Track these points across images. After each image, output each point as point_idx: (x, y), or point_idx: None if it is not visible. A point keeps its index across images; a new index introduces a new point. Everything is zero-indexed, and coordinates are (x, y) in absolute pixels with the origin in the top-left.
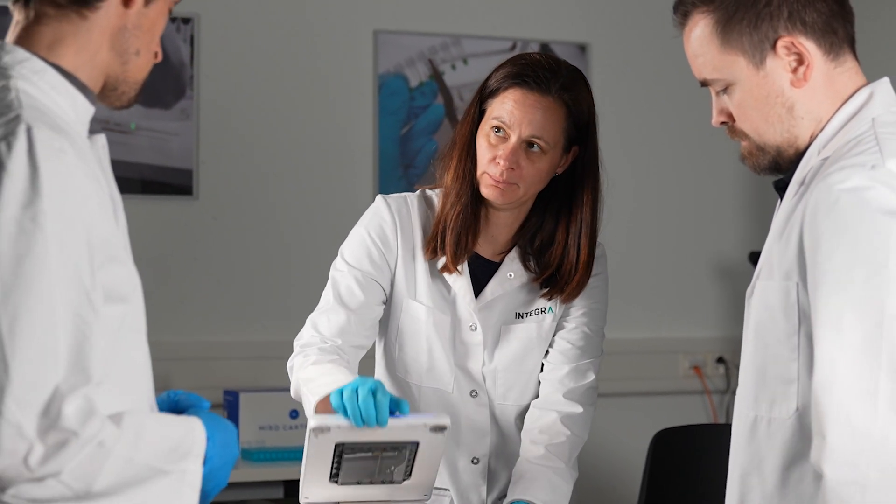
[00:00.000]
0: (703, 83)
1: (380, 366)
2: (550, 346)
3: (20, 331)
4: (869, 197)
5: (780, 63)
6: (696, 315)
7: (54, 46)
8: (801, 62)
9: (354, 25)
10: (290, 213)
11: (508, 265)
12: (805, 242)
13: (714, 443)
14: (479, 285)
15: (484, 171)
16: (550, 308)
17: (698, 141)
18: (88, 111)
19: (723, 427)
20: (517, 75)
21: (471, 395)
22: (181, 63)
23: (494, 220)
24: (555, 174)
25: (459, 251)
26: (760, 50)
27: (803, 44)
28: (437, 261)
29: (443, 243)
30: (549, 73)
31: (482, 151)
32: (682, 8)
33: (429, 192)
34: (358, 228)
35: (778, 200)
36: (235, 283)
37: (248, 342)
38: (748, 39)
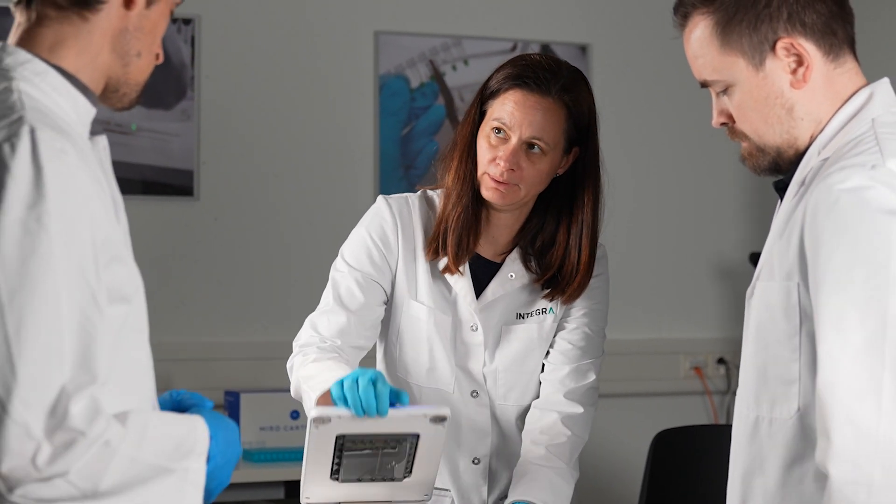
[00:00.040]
0: (703, 84)
1: (380, 366)
2: (551, 346)
3: (26, 331)
4: (869, 197)
5: (779, 64)
6: (697, 316)
7: (56, 48)
8: (800, 63)
9: (355, 26)
10: (291, 213)
11: (509, 266)
12: (806, 243)
13: (715, 443)
14: (479, 286)
15: (484, 171)
16: (551, 308)
17: (699, 142)
18: (90, 112)
19: (723, 428)
20: (518, 76)
21: (471, 396)
22: (182, 64)
23: (495, 220)
24: (555, 175)
25: (461, 252)
26: (760, 51)
27: (803, 45)
28: (439, 261)
29: (444, 244)
30: (550, 74)
31: (482, 152)
32: (682, 9)
33: (430, 192)
34: (359, 229)
35: (778, 201)
36: (236, 283)
37: (249, 343)
38: (748, 41)
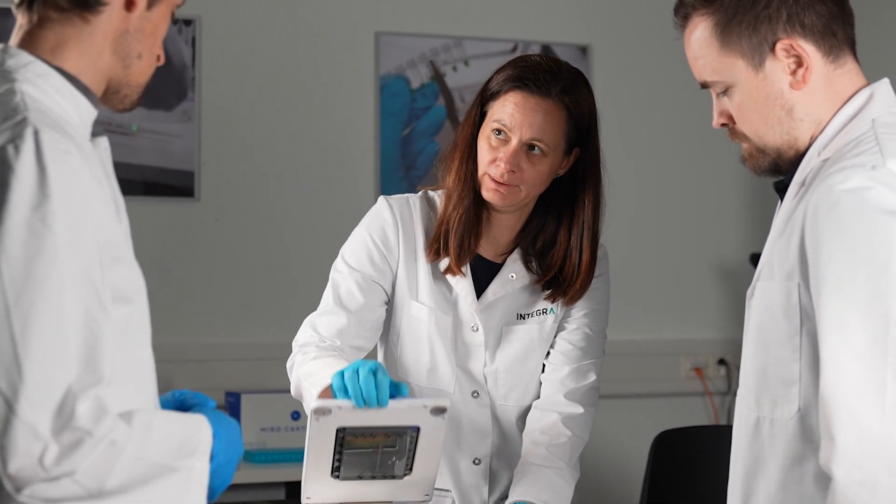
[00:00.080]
0: (704, 85)
1: None
2: (552, 346)
3: (32, 331)
4: (869, 197)
5: (779, 65)
6: (698, 317)
7: (57, 50)
8: (800, 64)
9: (356, 27)
10: (292, 214)
11: (510, 266)
12: (806, 243)
13: (715, 444)
14: (480, 286)
15: (485, 172)
16: (552, 309)
17: (699, 142)
18: (91, 114)
19: (724, 428)
20: (518, 78)
21: (472, 396)
22: (183, 65)
23: (496, 221)
24: (556, 176)
25: (463, 253)
26: (759, 52)
27: (802, 46)
28: (440, 262)
29: (446, 245)
30: (550, 75)
31: (483, 153)
32: (682, 10)
33: (431, 193)
34: (359, 230)
35: (778, 202)
36: (237, 284)
37: (250, 344)
38: (747, 42)
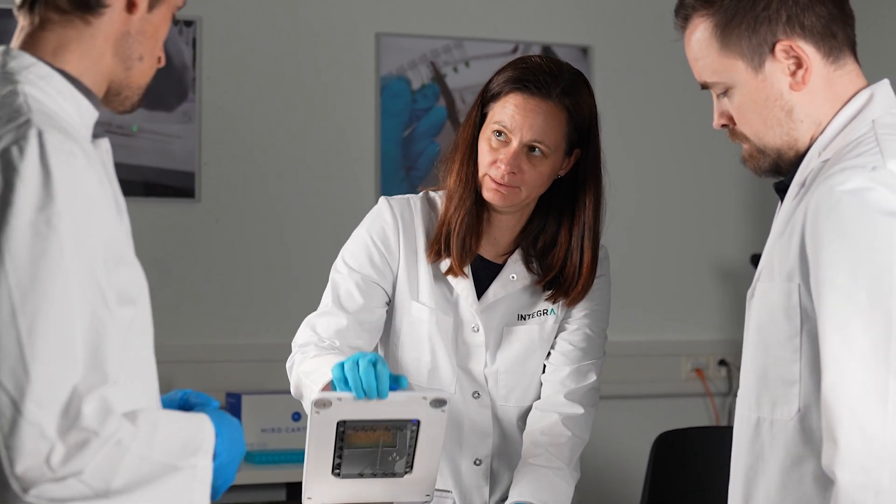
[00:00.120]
0: (704, 86)
1: None
2: (552, 347)
3: (38, 333)
4: (870, 198)
5: (778, 66)
6: (698, 317)
7: (59, 52)
8: (799, 66)
9: (356, 28)
10: (293, 215)
11: (511, 267)
12: (807, 244)
13: (716, 445)
14: (481, 287)
15: (485, 173)
16: (552, 310)
17: (700, 143)
18: (93, 116)
19: (725, 429)
20: (518, 80)
21: (473, 397)
22: (183, 66)
23: (497, 222)
24: (557, 177)
25: (464, 254)
26: (759, 53)
27: (802, 47)
28: (441, 263)
29: (447, 246)
30: (550, 77)
31: (483, 154)
32: (682, 11)
33: (432, 193)
34: (359, 230)
35: (778, 202)
36: (238, 285)
37: (251, 345)
38: (747, 43)
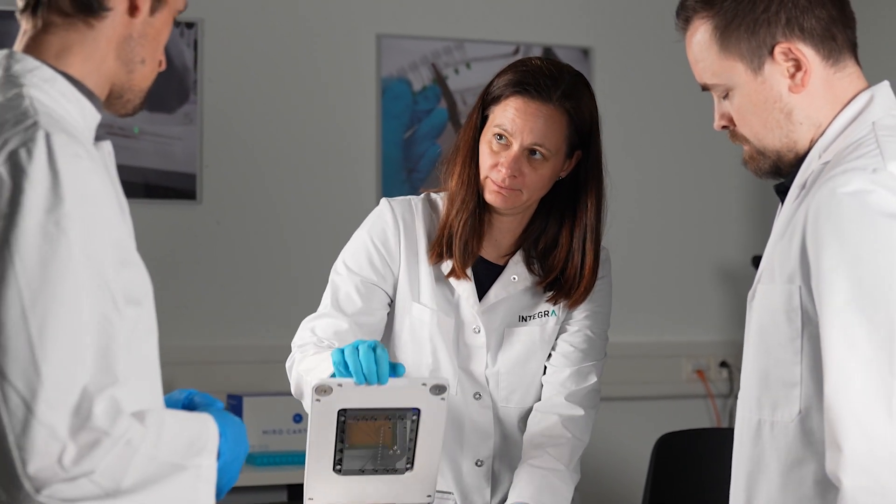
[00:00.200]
0: (704, 88)
1: None
2: (553, 348)
3: (49, 334)
4: (870, 200)
5: (777, 69)
6: (700, 319)
7: (62, 55)
8: (798, 68)
9: (357, 30)
10: (294, 217)
11: (512, 268)
12: (808, 246)
13: (717, 447)
14: (482, 288)
15: (487, 175)
16: (553, 311)
17: (701, 145)
18: (95, 118)
19: (726, 431)
20: (518, 83)
21: (474, 398)
22: (184, 67)
23: (498, 224)
24: (558, 178)
25: (466, 257)
26: (758, 56)
27: (801, 50)
28: (442, 265)
29: (449, 249)
30: (551, 80)
31: (485, 157)
32: (683, 13)
33: (433, 195)
34: (360, 232)
35: (779, 204)
36: (239, 287)
37: (252, 346)
38: (746, 45)
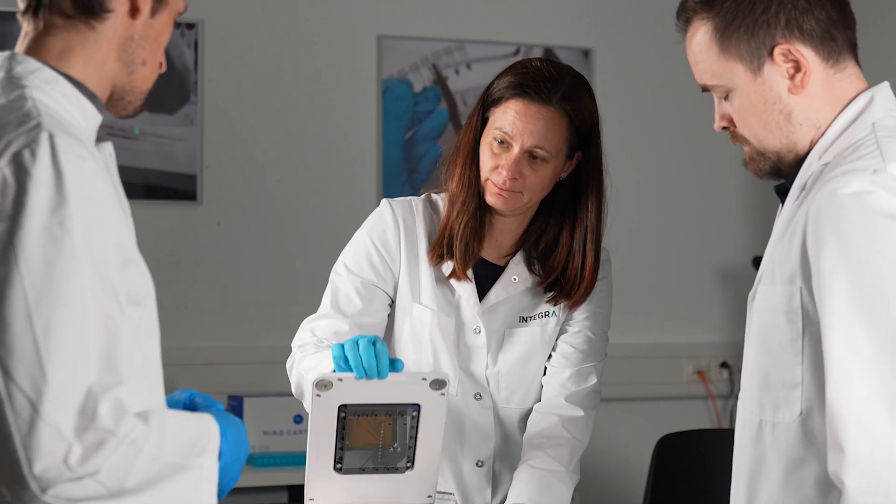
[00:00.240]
0: (705, 89)
1: None
2: (553, 349)
3: (54, 334)
4: (871, 202)
5: (777, 70)
6: (700, 320)
7: (64, 56)
8: (798, 69)
9: (358, 31)
10: (294, 217)
11: (513, 269)
12: (808, 247)
13: (718, 447)
14: (483, 289)
15: (487, 177)
16: (554, 312)
17: (702, 146)
18: (97, 120)
19: (727, 432)
20: (518, 85)
21: (475, 398)
22: (185, 68)
23: (499, 225)
24: (559, 179)
25: (467, 258)
26: (758, 57)
27: (801, 51)
28: (443, 266)
29: (450, 250)
30: (551, 82)
31: (485, 159)
32: (683, 14)
33: (434, 196)
34: (360, 233)
35: (779, 205)
36: (240, 288)
37: (253, 347)
38: (745, 46)
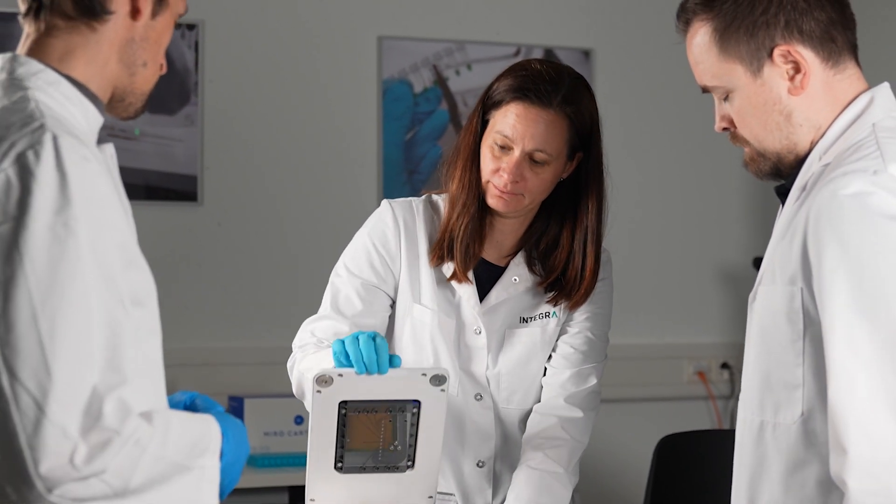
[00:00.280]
0: (705, 90)
1: None
2: (553, 350)
3: (59, 334)
4: (871, 202)
5: (777, 71)
6: (701, 320)
7: (65, 58)
8: (798, 70)
9: (359, 31)
10: (295, 218)
11: (513, 269)
12: (809, 249)
13: (719, 448)
14: (483, 289)
15: (488, 180)
16: (554, 312)
17: (702, 146)
18: (98, 121)
19: (727, 433)
20: (519, 88)
21: (475, 399)
22: (186, 69)
23: (500, 226)
24: (559, 180)
25: (468, 260)
26: (758, 58)
27: (800, 52)
28: (443, 267)
29: (450, 252)
30: (551, 85)
31: (486, 162)
32: (684, 15)
33: (435, 197)
34: (361, 234)
35: (780, 206)
36: (240, 288)
37: (253, 348)
38: (745, 47)
